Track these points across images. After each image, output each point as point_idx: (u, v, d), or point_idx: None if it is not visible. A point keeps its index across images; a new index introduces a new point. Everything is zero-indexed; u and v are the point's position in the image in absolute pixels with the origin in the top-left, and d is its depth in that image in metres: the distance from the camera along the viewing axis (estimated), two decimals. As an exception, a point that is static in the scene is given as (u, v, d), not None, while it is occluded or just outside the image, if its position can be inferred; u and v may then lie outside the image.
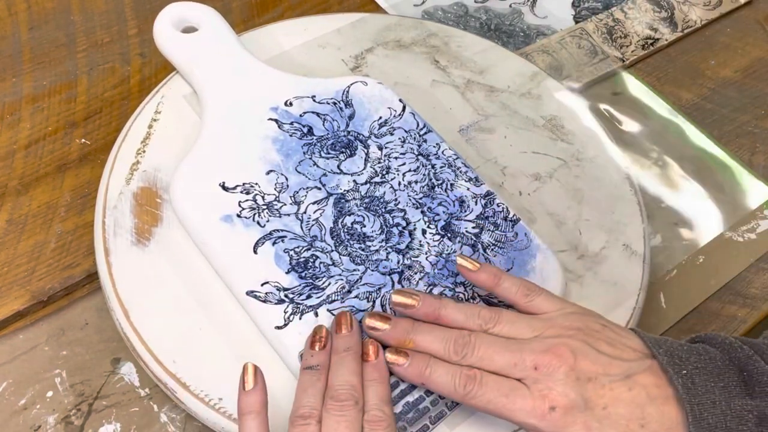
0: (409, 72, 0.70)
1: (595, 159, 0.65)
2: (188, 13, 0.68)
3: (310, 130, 0.62)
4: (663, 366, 0.46)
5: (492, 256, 0.56)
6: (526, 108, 0.69)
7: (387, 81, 0.67)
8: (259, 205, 0.57)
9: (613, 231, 0.61)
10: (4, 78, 0.73)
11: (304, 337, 0.51)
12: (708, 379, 0.45)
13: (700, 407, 0.44)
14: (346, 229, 0.56)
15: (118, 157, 0.61)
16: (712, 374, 0.45)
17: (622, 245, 0.60)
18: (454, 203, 0.58)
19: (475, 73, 0.71)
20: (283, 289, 0.53)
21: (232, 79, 0.64)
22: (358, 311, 0.53)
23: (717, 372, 0.46)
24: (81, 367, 0.57)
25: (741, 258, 0.66)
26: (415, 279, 0.54)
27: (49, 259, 0.61)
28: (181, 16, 0.68)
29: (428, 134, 0.62)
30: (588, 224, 0.61)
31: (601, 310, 0.56)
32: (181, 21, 0.68)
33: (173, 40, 0.66)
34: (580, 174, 0.64)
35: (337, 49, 0.71)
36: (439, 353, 0.48)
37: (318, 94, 0.64)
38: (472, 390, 0.46)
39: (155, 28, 0.67)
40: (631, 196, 0.63)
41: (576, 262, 0.59)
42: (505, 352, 0.47)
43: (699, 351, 0.47)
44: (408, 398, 0.50)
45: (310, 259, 0.55)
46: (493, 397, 0.46)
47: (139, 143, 0.62)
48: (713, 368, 0.46)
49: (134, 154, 0.61)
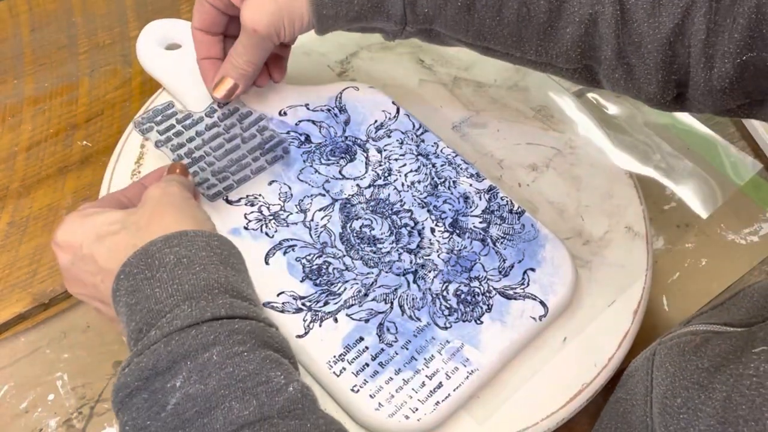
0: (396, 73, 0.71)
1: (587, 145, 0.66)
2: (171, 30, 0.67)
3: (307, 138, 0.62)
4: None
5: (502, 248, 0.56)
6: (515, 100, 0.69)
7: (375, 84, 0.67)
8: (265, 215, 0.57)
9: (614, 215, 0.62)
10: (6, 80, 0.72)
11: (326, 344, 0.51)
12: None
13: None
14: (355, 233, 0.57)
15: (120, 159, 0.60)
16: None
17: (624, 228, 0.61)
18: (459, 200, 0.59)
19: (461, 70, 0.71)
20: (299, 297, 0.53)
21: (223, 93, 0.64)
22: (377, 313, 0.53)
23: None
24: (83, 370, 0.56)
25: (743, 261, 0.67)
26: (430, 277, 0.55)
27: (51, 262, 0.60)
28: (163, 34, 0.67)
29: (425, 134, 0.62)
30: (589, 210, 0.62)
31: (612, 293, 0.57)
32: (164, 38, 0.67)
33: (157, 57, 0.66)
34: (575, 161, 0.65)
35: (322, 56, 0.71)
36: None
37: (311, 102, 0.64)
38: None
39: (138, 46, 0.66)
40: (627, 179, 0.64)
41: (582, 248, 0.60)
42: None
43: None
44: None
45: (323, 266, 0.55)
46: None
47: (141, 145, 0.62)
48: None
49: (136, 156, 0.61)
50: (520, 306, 0.54)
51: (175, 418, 0.39)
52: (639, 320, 0.57)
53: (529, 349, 0.54)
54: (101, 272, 0.46)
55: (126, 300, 0.43)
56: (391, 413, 0.49)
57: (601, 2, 0.50)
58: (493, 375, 0.52)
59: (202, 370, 0.39)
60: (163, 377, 0.40)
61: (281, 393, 0.40)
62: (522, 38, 0.53)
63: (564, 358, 0.54)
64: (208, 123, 0.60)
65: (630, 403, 0.50)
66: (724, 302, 0.49)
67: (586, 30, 0.51)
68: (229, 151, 0.58)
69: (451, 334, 0.52)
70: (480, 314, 0.53)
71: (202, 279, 0.43)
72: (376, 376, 0.50)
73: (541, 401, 0.52)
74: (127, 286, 0.43)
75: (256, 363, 0.40)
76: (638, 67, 0.51)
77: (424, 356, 0.51)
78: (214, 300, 0.42)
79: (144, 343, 0.41)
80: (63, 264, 0.48)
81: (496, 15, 0.53)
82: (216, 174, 0.57)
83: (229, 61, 0.58)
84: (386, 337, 0.52)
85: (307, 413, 0.40)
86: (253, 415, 0.38)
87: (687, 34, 0.49)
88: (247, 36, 0.56)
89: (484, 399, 0.52)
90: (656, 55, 0.50)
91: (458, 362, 0.51)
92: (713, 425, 0.38)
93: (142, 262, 0.43)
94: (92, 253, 0.46)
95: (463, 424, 0.51)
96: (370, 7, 0.54)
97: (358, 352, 0.51)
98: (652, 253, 0.60)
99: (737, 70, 0.48)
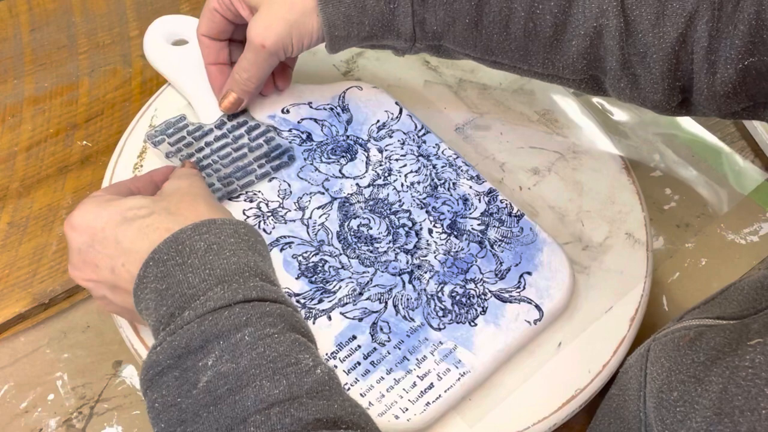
0: (401, 74, 0.71)
1: (591, 151, 0.66)
2: (177, 26, 0.68)
3: (309, 136, 0.62)
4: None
5: (499, 251, 0.56)
6: (520, 104, 0.69)
7: (380, 84, 0.67)
8: (263, 212, 0.57)
9: (614, 221, 0.62)
10: (6, 80, 0.72)
11: (318, 342, 0.51)
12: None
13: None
14: (353, 232, 0.57)
15: (120, 159, 0.61)
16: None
17: (624, 234, 0.61)
18: (458, 202, 0.59)
19: (467, 72, 0.71)
20: (294, 294, 0.53)
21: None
22: (371, 313, 0.53)
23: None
24: (82, 370, 0.56)
25: (743, 261, 0.66)
26: (425, 278, 0.55)
27: (51, 262, 0.61)
28: (170, 30, 0.67)
29: (427, 135, 0.62)
30: (590, 215, 0.62)
31: (609, 299, 0.57)
32: (171, 34, 0.67)
33: (164, 53, 0.66)
34: (578, 166, 0.65)
35: (328, 55, 0.71)
36: None
37: (314, 101, 0.64)
38: None
39: (145, 42, 0.67)
40: (629, 185, 0.64)
41: (581, 254, 0.60)
42: None
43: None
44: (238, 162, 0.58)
45: (320, 264, 0.55)
46: None
47: (141, 145, 0.62)
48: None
49: (136, 156, 0.61)
50: (515, 309, 0.54)
51: (206, 395, 0.40)
52: (636, 327, 0.56)
53: (523, 353, 0.54)
54: (124, 254, 0.46)
55: (155, 286, 0.44)
56: (380, 412, 0.49)
57: (606, 15, 0.51)
58: (485, 377, 0.52)
59: (234, 350, 0.41)
60: (195, 356, 0.41)
61: (310, 374, 0.41)
62: (529, 52, 0.55)
63: (558, 363, 0.54)
64: (217, 134, 0.60)
65: (622, 399, 0.50)
66: (715, 297, 0.49)
67: (591, 42, 0.52)
68: (235, 159, 0.59)
69: (445, 336, 0.52)
70: (474, 316, 0.53)
71: (233, 263, 0.44)
72: (367, 375, 0.50)
73: (534, 405, 0.52)
74: (156, 273, 0.44)
75: (286, 345, 0.42)
76: (643, 77, 0.52)
77: (417, 357, 0.51)
78: (245, 283, 0.44)
79: (177, 323, 0.42)
80: (77, 246, 0.48)
81: (503, 30, 0.54)
82: (222, 180, 0.57)
83: (234, 77, 0.59)
84: (379, 336, 0.52)
85: (334, 395, 0.42)
86: (283, 394, 0.40)
87: (690, 41, 0.50)
88: (254, 51, 0.56)
89: (475, 401, 0.52)
90: (661, 64, 0.51)
91: (450, 364, 0.51)
92: (709, 416, 0.38)
93: (173, 249, 0.45)
94: (116, 235, 0.47)
95: (454, 425, 0.51)
96: (381, 26, 0.55)
97: (350, 351, 0.51)
98: (652, 260, 0.60)
99: (740, 74, 0.49)
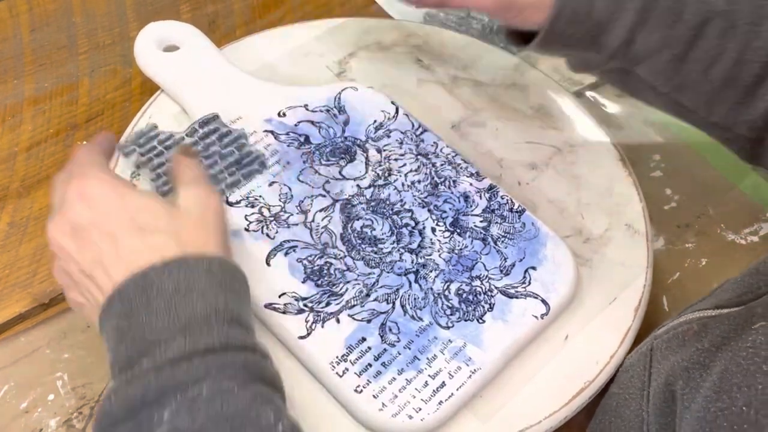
0: (394, 73, 0.71)
1: (586, 144, 0.67)
2: (168, 32, 0.68)
3: (306, 138, 0.62)
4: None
5: (503, 247, 0.57)
6: (514, 99, 0.69)
7: (374, 84, 0.67)
8: (265, 217, 0.57)
9: (613, 213, 0.62)
10: (6, 80, 0.72)
11: (328, 345, 0.51)
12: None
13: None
14: (356, 233, 0.57)
15: (120, 159, 0.60)
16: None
17: (624, 225, 0.61)
18: (459, 199, 0.59)
19: (459, 69, 0.71)
20: (301, 298, 0.53)
21: (221, 95, 0.64)
22: (379, 313, 0.53)
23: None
24: (83, 370, 0.56)
25: (743, 261, 0.66)
26: (431, 277, 0.55)
27: (51, 262, 0.60)
28: (161, 36, 0.67)
29: (424, 134, 0.63)
30: (589, 208, 0.62)
31: (613, 291, 0.58)
32: (162, 40, 0.67)
33: (155, 60, 0.66)
34: (575, 160, 0.65)
35: (320, 56, 0.71)
36: None
37: (310, 103, 0.64)
38: None
39: (136, 49, 0.66)
40: (626, 177, 0.64)
41: (582, 247, 0.60)
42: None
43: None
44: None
45: (325, 267, 0.55)
46: None
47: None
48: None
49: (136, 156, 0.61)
50: (521, 304, 0.54)
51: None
52: (640, 317, 0.57)
53: (531, 348, 0.54)
54: (113, 262, 0.43)
55: (117, 322, 0.42)
56: (394, 413, 0.49)
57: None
58: (495, 374, 0.52)
59: (191, 405, 0.39)
60: (150, 408, 0.39)
61: (270, 431, 0.39)
62: (718, 98, 0.52)
63: (566, 356, 0.54)
64: (188, 143, 0.59)
65: (623, 398, 0.50)
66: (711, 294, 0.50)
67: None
68: (205, 168, 0.58)
69: (454, 334, 0.52)
70: (482, 313, 0.53)
71: (199, 309, 0.42)
72: (379, 376, 0.50)
73: (544, 399, 0.52)
74: (120, 310, 0.42)
75: (246, 400, 0.40)
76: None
77: (427, 356, 0.51)
78: (209, 331, 0.41)
79: (134, 372, 0.40)
80: (75, 216, 0.45)
81: (707, 69, 0.52)
82: None
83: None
84: (389, 337, 0.52)
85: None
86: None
87: None
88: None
89: (487, 398, 0.52)
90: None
91: (461, 361, 0.51)
92: (710, 395, 0.39)
93: (140, 287, 0.42)
94: (120, 239, 0.44)
95: (467, 423, 0.51)
96: (592, 36, 0.54)
97: (361, 353, 0.51)
98: (652, 250, 0.60)
99: None
